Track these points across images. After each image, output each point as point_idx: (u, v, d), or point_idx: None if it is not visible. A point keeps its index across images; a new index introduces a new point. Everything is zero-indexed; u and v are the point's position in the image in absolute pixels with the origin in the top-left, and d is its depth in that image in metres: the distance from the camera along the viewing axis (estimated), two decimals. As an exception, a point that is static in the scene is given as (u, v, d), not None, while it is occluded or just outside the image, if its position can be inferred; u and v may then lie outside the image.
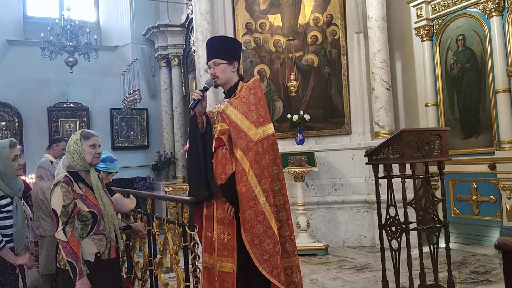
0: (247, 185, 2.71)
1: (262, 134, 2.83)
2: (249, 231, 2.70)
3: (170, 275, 3.99)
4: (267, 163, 2.82)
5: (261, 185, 2.74)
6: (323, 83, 7.08)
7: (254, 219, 2.70)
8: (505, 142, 5.43)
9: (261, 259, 2.68)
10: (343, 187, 6.61)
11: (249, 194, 2.70)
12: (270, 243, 2.70)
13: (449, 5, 6.11)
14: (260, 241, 2.69)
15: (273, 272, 2.68)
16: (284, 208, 2.95)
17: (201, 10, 7.03)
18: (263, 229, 2.70)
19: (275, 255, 2.70)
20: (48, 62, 8.92)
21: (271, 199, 2.77)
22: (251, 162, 2.74)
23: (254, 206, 2.71)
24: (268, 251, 2.69)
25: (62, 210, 2.59)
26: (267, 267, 2.68)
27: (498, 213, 5.58)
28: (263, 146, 2.81)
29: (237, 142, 2.79)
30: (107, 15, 11.18)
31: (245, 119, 2.82)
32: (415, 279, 3.54)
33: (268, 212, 2.73)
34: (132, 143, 10.66)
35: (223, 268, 2.80)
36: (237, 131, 2.80)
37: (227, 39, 3.55)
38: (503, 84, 5.43)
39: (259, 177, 2.74)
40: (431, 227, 3.64)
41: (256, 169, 2.74)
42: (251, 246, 2.69)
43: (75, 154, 2.75)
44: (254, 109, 2.86)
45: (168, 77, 10.34)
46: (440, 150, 3.67)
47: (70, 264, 2.54)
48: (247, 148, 2.76)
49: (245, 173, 2.73)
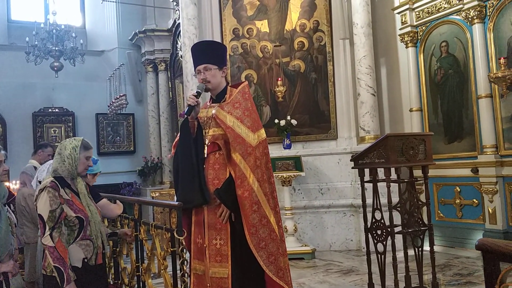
0: (249, 190, 2.73)
1: (259, 138, 2.86)
2: (255, 235, 2.72)
3: (158, 281, 3.98)
4: (265, 168, 2.86)
5: (263, 189, 2.78)
6: (310, 89, 7.14)
7: (259, 222, 2.73)
8: (487, 147, 5.55)
9: (267, 261, 2.72)
10: (329, 191, 6.67)
11: (252, 198, 2.73)
12: (275, 245, 2.75)
13: (432, 12, 6.23)
14: (266, 244, 2.73)
15: (279, 273, 2.75)
16: (275, 210, 2.97)
17: (188, 15, 7.05)
18: (267, 232, 2.75)
19: (279, 256, 2.76)
20: (33, 66, 8.85)
21: (271, 202, 2.82)
22: (252, 167, 2.76)
23: (258, 210, 2.74)
24: (273, 253, 2.75)
25: (49, 215, 2.57)
26: (273, 269, 2.73)
27: (481, 216, 5.69)
28: (259, 151, 2.84)
29: (236, 147, 2.79)
30: (93, 20, 11.12)
31: (241, 124, 2.83)
32: (401, 281, 3.58)
33: (270, 215, 2.78)
34: (118, 149, 10.60)
35: (216, 274, 2.79)
36: (234, 136, 2.80)
37: (215, 43, 3.55)
38: (485, 89, 5.55)
39: (260, 181, 2.77)
40: (415, 230, 3.70)
41: (257, 174, 2.77)
42: (257, 250, 2.71)
43: (68, 160, 2.72)
44: (248, 114, 2.88)
45: (155, 82, 10.32)
46: (424, 154, 3.74)
47: (57, 270, 2.51)
48: (247, 153, 2.78)
49: (246, 178, 2.74)
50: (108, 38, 10.75)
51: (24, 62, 8.70)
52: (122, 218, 3.68)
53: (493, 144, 5.52)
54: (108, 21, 10.85)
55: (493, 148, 5.51)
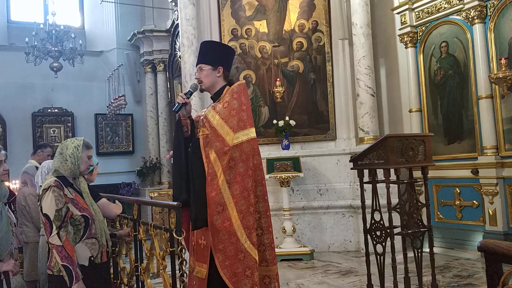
0: (216, 190, 2.73)
1: (243, 138, 2.82)
2: (215, 235, 2.71)
3: (157, 281, 3.97)
4: (244, 169, 2.79)
5: (232, 191, 2.74)
6: (309, 89, 7.13)
7: (220, 224, 2.71)
8: (488, 148, 5.53)
9: (223, 264, 2.70)
10: (328, 192, 6.65)
11: (218, 199, 2.72)
12: (233, 250, 2.70)
13: (432, 12, 6.22)
14: (224, 246, 2.70)
15: (232, 279, 2.69)
16: (265, 214, 2.93)
17: (187, 15, 7.04)
18: (227, 235, 2.71)
19: (236, 262, 2.69)
20: (33, 67, 8.84)
21: (239, 205, 2.74)
22: (224, 167, 2.75)
23: (222, 212, 2.72)
24: (230, 257, 2.70)
25: (56, 214, 2.58)
26: (227, 273, 2.69)
27: (481, 218, 5.67)
28: (241, 151, 2.80)
29: (213, 144, 2.81)
30: (92, 20, 11.12)
31: (225, 124, 2.83)
32: (400, 283, 3.57)
33: (235, 219, 2.72)
34: (117, 149, 10.59)
35: (198, 273, 2.81)
36: (215, 135, 2.82)
37: (215, 44, 3.55)
38: (486, 90, 5.54)
39: (229, 183, 2.74)
40: (415, 232, 3.68)
41: (228, 175, 2.75)
42: (215, 251, 2.71)
43: (71, 159, 2.74)
44: (235, 114, 2.86)
45: (153, 82, 10.32)
46: (424, 155, 3.72)
47: (65, 268, 2.52)
48: (222, 152, 2.77)
49: (216, 177, 2.74)
50: (107, 39, 10.75)
51: (24, 63, 8.69)
52: (121, 218, 3.67)
53: (494, 145, 5.50)
54: (107, 22, 10.85)
55: (493, 149, 5.50)
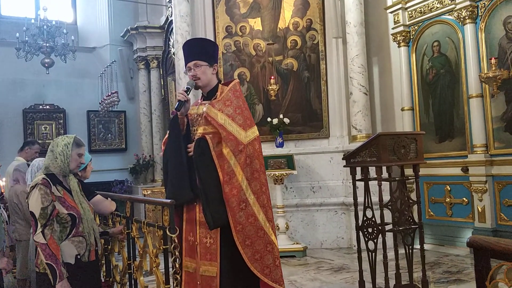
0: (238, 187, 2.73)
1: (252, 136, 2.85)
2: (241, 232, 2.73)
3: (150, 278, 3.98)
4: (259, 165, 2.85)
5: (252, 187, 2.78)
6: (302, 87, 7.16)
7: (245, 220, 2.74)
8: (477, 146, 5.60)
9: (252, 258, 2.73)
10: (321, 189, 6.69)
11: (241, 196, 2.74)
12: (261, 243, 2.76)
13: (425, 12, 6.27)
14: (252, 241, 2.74)
15: (265, 271, 2.75)
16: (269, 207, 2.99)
17: (181, 12, 7.03)
18: (254, 230, 2.75)
19: (266, 254, 2.76)
20: (24, 63, 8.75)
21: (261, 200, 2.81)
22: (242, 165, 2.76)
23: (245, 208, 2.74)
24: (259, 251, 2.75)
25: (41, 212, 2.56)
26: (258, 266, 2.74)
27: (470, 215, 5.75)
28: (254, 148, 2.84)
29: (227, 143, 2.78)
30: (84, 16, 11.04)
31: (232, 121, 2.82)
32: (391, 279, 3.61)
33: (259, 213, 2.78)
34: (109, 146, 10.52)
35: (206, 272, 2.80)
36: (226, 133, 2.79)
37: (207, 41, 3.54)
38: (476, 89, 5.60)
39: (249, 180, 2.78)
40: (406, 229, 3.73)
41: (247, 172, 2.78)
42: (242, 247, 2.72)
43: (61, 157, 2.72)
44: (240, 112, 2.86)
45: (146, 79, 10.27)
46: (416, 153, 3.77)
47: (49, 267, 2.50)
48: (238, 150, 2.77)
49: (235, 175, 2.74)
50: (99, 35, 10.68)
51: (15, 58, 8.60)
52: (114, 216, 3.66)
53: (483, 144, 5.57)
54: (99, 18, 10.77)
55: (483, 148, 5.57)
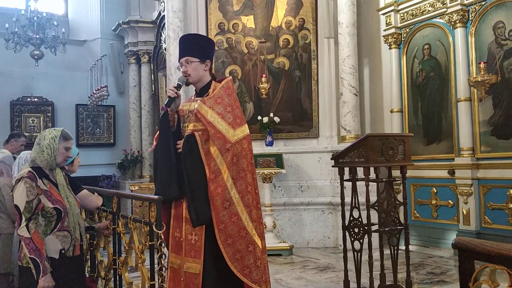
0: (222, 186, 2.73)
1: (241, 134, 2.84)
2: (223, 231, 2.72)
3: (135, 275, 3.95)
4: (246, 165, 2.83)
5: (237, 186, 2.77)
6: (294, 86, 7.17)
7: (228, 219, 2.73)
8: (464, 149, 5.66)
9: (233, 258, 2.72)
10: (309, 189, 6.72)
11: (225, 195, 2.73)
12: (243, 243, 2.75)
13: (417, 14, 6.32)
14: (233, 241, 2.73)
15: (244, 271, 2.74)
16: (256, 207, 2.97)
17: (173, 7, 6.99)
18: (236, 229, 2.74)
19: (247, 254, 2.75)
20: (13, 54, 8.64)
21: (246, 200, 2.80)
22: (228, 164, 2.75)
23: (229, 207, 2.73)
24: (240, 250, 2.74)
25: (26, 206, 2.54)
26: (238, 266, 2.73)
27: (455, 217, 5.81)
28: (242, 147, 2.82)
29: (215, 141, 2.77)
30: (76, 8, 10.94)
31: (222, 120, 2.81)
32: (376, 279, 3.64)
33: (243, 213, 2.77)
34: (98, 141, 10.44)
35: (190, 269, 2.79)
36: (214, 131, 2.79)
37: (201, 37, 3.53)
38: (465, 93, 5.66)
39: (234, 179, 2.76)
40: (392, 229, 3.76)
41: (233, 171, 2.76)
42: (224, 246, 2.72)
43: (47, 150, 2.69)
44: (230, 110, 2.86)
45: (137, 74, 10.20)
46: (403, 155, 3.80)
47: (33, 261, 2.48)
48: (225, 149, 2.76)
49: (221, 173, 2.74)
50: (90, 28, 10.58)
51: (3, 49, 8.50)
52: (100, 211, 3.64)
53: (470, 147, 5.63)
54: (91, 11, 10.67)
55: (470, 151, 5.63)
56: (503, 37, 5.39)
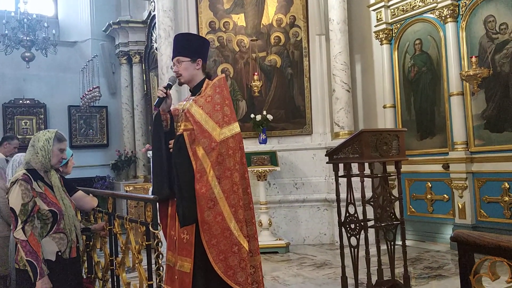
0: (207, 186, 2.72)
1: (228, 133, 2.83)
2: (207, 231, 2.72)
3: (132, 275, 3.94)
4: (232, 164, 2.81)
5: (222, 186, 2.76)
6: (286, 84, 7.17)
7: (213, 220, 2.72)
8: (458, 143, 5.69)
9: (217, 259, 2.71)
10: (304, 186, 6.72)
11: (209, 195, 2.72)
12: (227, 244, 2.73)
13: (407, 10, 6.33)
14: (217, 241, 2.72)
15: (228, 272, 2.72)
16: (249, 207, 2.96)
17: (164, 7, 6.96)
18: (220, 230, 2.73)
19: (231, 255, 2.73)
20: (3, 56, 8.58)
21: (231, 200, 2.78)
22: (213, 163, 2.75)
23: (213, 207, 2.72)
24: (224, 251, 2.72)
25: (21, 208, 2.53)
26: (222, 266, 2.71)
27: (451, 211, 5.84)
28: (228, 146, 2.81)
29: (199, 141, 2.78)
30: (65, 10, 10.85)
31: (209, 119, 2.81)
32: (373, 275, 3.65)
33: (227, 213, 2.75)
34: (91, 142, 10.39)
35: (182, 268, 2.80)
36: (201, 130, 2.79)
37: (191, 36, 3.51)
38: (457, 87, 5.68)
39: (219, 178, 2.75)
40: (388, 225, 3.77)
41: (217, 170, 2.75)
42: (208, 246, 2.72)
43: (42, 152, 2.68)
44: (219, 109, 2.85)
45: (129, 74, 10.15)
46: (398, 150, 3.81)
47: (30, 263, 2.47)
48: (210, 148, 2.76)
49: (205, 173, 2.73)
50: (81, 29, 10.51)
51: (-6, 52, 8.43)
52: (96, 212, 3.62)
53: (464, 141, 5.66)
54: (81, 11, 10.60)
55: (463, 145, 5.65)
56: (494, 31, 5.42)
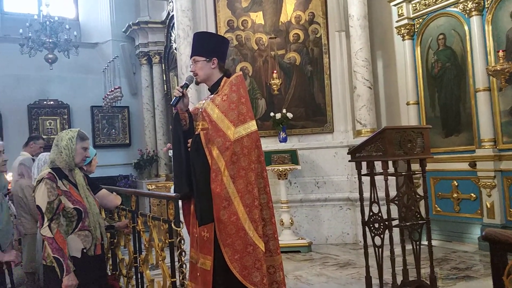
0: (221, 185, 2.71)
1: (243, 132, 2.81)
2: (223, 230, 2.71)
3: (156, 272, 3.97)
4: (247, 163, 2.79)
5: (236, 185, 2.74)
6: (306, 82, 7.11)
7: (228, 219, 2.71)
8: (485, 141, 5.54)
9: (232, 258, 2.70)
10: (325, 184, 6.66)
11: (223, 194, 2.71)
12: (241, 243, 2.71)
13: (429, 4, 6.20)
14: (232, 241, 2.71)
15: (243, 272, 2.70)
16: (267, 206, 2.94)
17: (182, 7, 6.98)
18: (235, 229, 2.71)
19: (246, 255, 2.71)
20: (28, 58, 8.75)
21: (245, 199, 2.75)
22: (227, 162, 2.74)
23: (228, 207, 2.71)
24: (239, 251, 2.71)
25: (47, 206, 2.57)
26: (237, 266, 2.70)
27: (479, 211, 5.69)
28: (242, 145, 2.79)
29: (214, 140, 2.78)
30: (86, 12, 11.01)
31: (225, 118, 2.81)
32: (398, 275, 3.58)
33: (242, 213, 2.73)
34: (113, 141, 10.53)
35: (203, 265, 2.81)
36: (216, 129, 2.80)
37: (208, 35, 3.51)
38: (483, 83, 5.53)
39: (234, 178, 2.74)
40: (413, 224, 3.68)
41: (232, 170, 2.74)
42: (224, 245, 2.71)
43: (65, 151, 2.72)
44: (234, 107, 2.84)
45: (149, 74, 10.25)
46: (422, 147, 3.72)
47: (56, 260, 2.52)
48: (224, 148, 2.76)
49: (220, 173, 2.73)
50: (101, 30, 10.65)
51: (18, 54, 8.60)
52: (119, 210, 3.66)
53: (491, 138, 5.50)
54: (101, 13, 10.74)
55: (491, 142, 5.50)
56: (521, 24, 5.26)
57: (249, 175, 2.79)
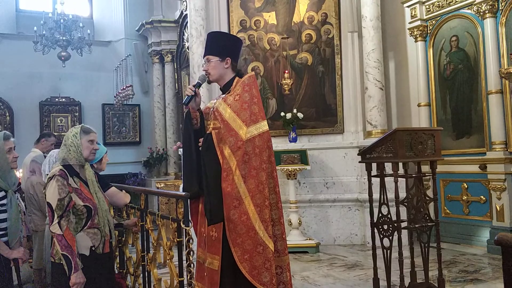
0: (232, 185, 2.72)
1: (255, 132, 2.81)
2: (233, 230, 2.71)
3: (163, 271, 3.99)
4: (259, 163, 2.79)
5: (247, 185, 2.74)
6: (317, 82, 7.10)
7: (238, 219, 2.71)
8: (496, 143, 5.49)
9: (242, 258, 2.70)
10: (335, 185, 6.64)
11: (234, 194, 2.72)
12: (251, 243, 2.71)
13: (443, 6, 6.16)
14: (242, 240, 2.71)
15: (253, 272, 2.70)
16: (276, 206, 2.94)
17: (195, 6, 7.01)
18: (245, 229, 2.71)
19: (255, 255, 2.71)
20: (41, 56, 8.84)
21: (256, 199, 2.75)
22: (238, 162, 2.74)
23: (239, 206, 2.72)
24: (248, 251, 2.70)
25: (58, 203, 2.59)
26: (247, 266, 2.70)
27: (488, 213, 5.64)
28: (254, 145, 2.79)
29: (226, 140, 2.79)
30: (100, 10, 11.10)
31: (237, 117, 2.82)
32: (406, 277, 3.56)
33: (253, 212, 2.73)
34: (124, 139, 10.61)
35: (211, 265, 2.81)
36: (228, 129, 2.81)
37: (222, 35, 3.53)
38: (496, 85, 5.48)
39: (245, 177, 2.74)
40: (422, 226, 3.67)
41: (243, 169, 2.74)
42: (233, 245, 2.71)
43: (72, 147, 2.75)
44: (247, 107, 2.85)
45: (161, 73, 10.31)
46: (433, 149, 3.70)
47: (65, 257, 2.53)
48: (236, 147, 2.77)
49: (231, 172, 2.74)
50: (115, 29, 10.74)
51: (32, 52, 8.69)
52: (128, 208, 3.68)
53: (502, 141, 5.45)
54: (115, 12, 10.82)
55: (502, 145, 5.45)
56: (536, 26, 5.20)
57: (260, 174, 2.79)
